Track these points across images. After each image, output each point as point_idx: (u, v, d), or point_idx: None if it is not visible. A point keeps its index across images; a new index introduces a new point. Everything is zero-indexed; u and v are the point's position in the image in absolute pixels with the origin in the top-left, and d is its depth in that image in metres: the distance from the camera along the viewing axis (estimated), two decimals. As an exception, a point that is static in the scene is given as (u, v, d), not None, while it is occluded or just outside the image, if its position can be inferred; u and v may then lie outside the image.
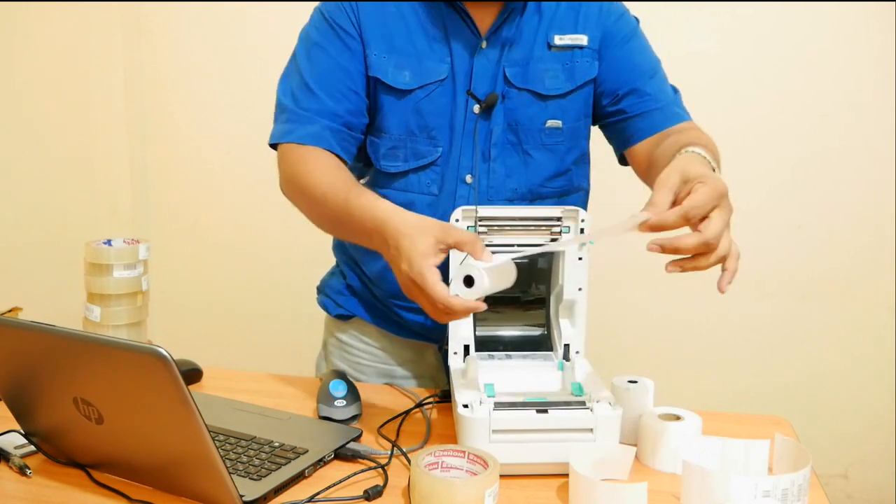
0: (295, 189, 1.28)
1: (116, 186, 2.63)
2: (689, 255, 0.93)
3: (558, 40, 1.32)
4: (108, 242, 1.46)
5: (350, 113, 1.30)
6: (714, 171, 1.03)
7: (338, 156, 1.29)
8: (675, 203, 0.93)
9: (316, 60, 1.30)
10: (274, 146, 1.32)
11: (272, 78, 1.35)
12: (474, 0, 1.28)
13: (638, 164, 1.34)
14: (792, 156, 2.31)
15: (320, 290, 1.54)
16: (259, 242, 2.59)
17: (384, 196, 1.33)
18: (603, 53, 1.34)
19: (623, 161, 1.40)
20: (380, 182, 1.36)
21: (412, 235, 1.03)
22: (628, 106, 1.35)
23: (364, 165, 1.39)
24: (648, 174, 1.28)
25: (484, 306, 1.02)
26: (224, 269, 2.65)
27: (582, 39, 1.33)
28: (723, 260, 0.93)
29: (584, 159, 1.42)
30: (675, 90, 1.39)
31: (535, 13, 1.32)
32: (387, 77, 1.30)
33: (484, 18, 1.30)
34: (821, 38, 2.26)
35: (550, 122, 1.34)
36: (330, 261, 1.55)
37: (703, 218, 0.92)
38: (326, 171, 1.24)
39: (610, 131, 1.40)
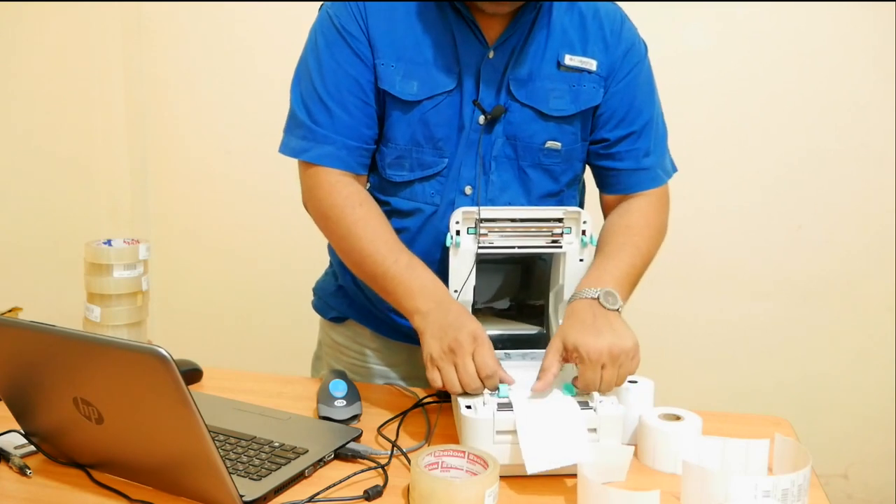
0: (331, 229, 1.30)
1: (116, 186, 2.63)
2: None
3: (569, 60, 1.29)
4: (108, 242, 1.46)
5: (365, 125, 1.29)
6: (606, 298, 1.19)
7: (356, 174, 1.30)
8: (566, 357, 1.15)
9: (327, 71, 1.27)
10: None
11: (272, 78, 1.35)
12: (486, 2, 1.22)
13: (606, 203, 1.41)
14: (791, 155, 2.31)
15: (314, 292, 1.54)
16: (259, 242, 2.59)
17: (390, 203, 1.34)
18: (608, 86, 1.32)
19: None
20: (385, 189, 1.35)
21: (474, 319, 1.19)
22: (619, 156, 1.35)
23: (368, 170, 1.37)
24: (604, 216, 1.40)
25: (512, 382, 1.14)
26: (224, 268, 2.64)
27: (591, 64, 1.30)
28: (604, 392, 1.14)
29: (577, 181, 1.41)
30: (665, 131, 1.39)
31: (543, 28, 1.28)
32: (394, 89, 1.27)
33: (492, 28, 1.26)
34: (820, 36, 2.26)
35: (550, 143, 1.31)
36: (327, 261, 1.54)
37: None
38: (377, 227, 1.26)
39: (593, 169, 1.41)
